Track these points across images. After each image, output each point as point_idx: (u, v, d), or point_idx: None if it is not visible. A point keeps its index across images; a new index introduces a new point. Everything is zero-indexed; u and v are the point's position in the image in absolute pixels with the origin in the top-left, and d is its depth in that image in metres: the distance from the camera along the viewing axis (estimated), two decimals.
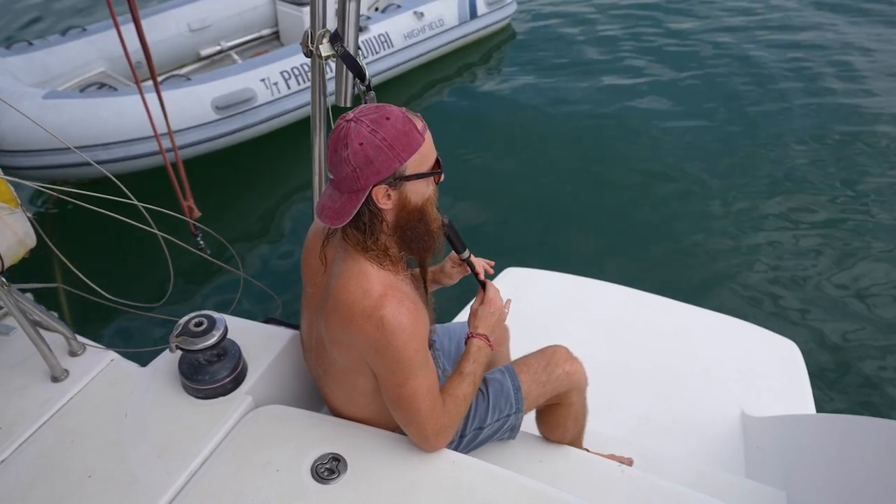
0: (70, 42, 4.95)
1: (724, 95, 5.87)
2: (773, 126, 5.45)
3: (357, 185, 1.26)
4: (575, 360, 1.78)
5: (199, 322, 1.54)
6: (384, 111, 1.26)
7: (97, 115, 4.17)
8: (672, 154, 5.14)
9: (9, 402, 1.58)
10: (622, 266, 4.07)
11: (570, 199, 4.70)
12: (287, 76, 4.88)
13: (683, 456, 2.30)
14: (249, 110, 4.70)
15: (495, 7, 6.29)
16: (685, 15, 7.13)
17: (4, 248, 1.67)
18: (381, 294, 1.30)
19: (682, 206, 4.59)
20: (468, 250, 1.58)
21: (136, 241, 4.14)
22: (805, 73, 6.19)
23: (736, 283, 3.97)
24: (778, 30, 7.00)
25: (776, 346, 2.77)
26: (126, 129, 4.23)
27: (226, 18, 5.71)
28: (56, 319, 1.67)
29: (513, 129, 5.49)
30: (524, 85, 6.01)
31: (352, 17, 1.49)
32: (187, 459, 1.44)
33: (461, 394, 1.46)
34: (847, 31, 6.89)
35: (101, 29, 5.12)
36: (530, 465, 1.88)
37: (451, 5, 5.94)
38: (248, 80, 4.70)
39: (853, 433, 1.90)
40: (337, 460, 1.44)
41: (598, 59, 6.40)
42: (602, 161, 5.09)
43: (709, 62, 6.37)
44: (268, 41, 6.06)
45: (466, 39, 6.23)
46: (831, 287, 3.93)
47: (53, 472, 1.42)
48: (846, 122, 5.49)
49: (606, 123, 5.52)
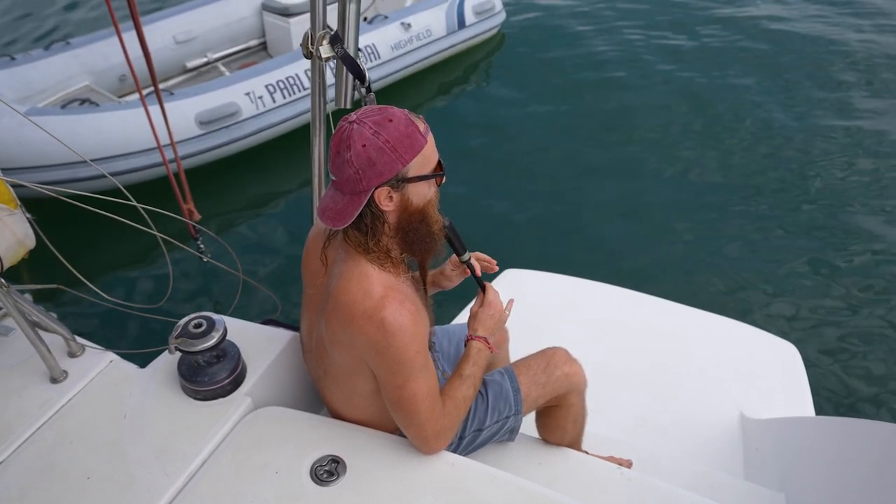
0: (53, 56, 4.84)
1: (721, 99, 5.87)
2: (775, 129, 5.46)
3: (359, 186, 1.26)
4: (574, 362, 1.78)
5: (198, 323, 1.54)
6: (387, 113, 1.26)
7: (76, 131, 4.08)
8: (668, 156, 5.14)
9: (8, 402, 1.57)
10: (621, 268, 4.07)
11: (568, 201, 4.70)
12: (272, 89, 4.80)
13: (682, 457, 2.30)
14: (234, 125, 4.63)
15: (484, 17, 6.21)
16: (673, 28, 7.12)
17: (4, 249, 1.67)
18: (382, 295, 1.31)
19: (681, 209, 4.59)
20: (468, 252, 1.58)
21: (135, 243, 4.17)
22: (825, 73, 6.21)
23: (736, 286, 3.97)
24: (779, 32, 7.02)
25: (775, 348, 2.77)
26: (108, 146, 4.15)
27: (212, 30, 5.62)
28: (55, 320, 1.67)
29: (505, 135, 5.48)
30: (514, 93, 6.00)
31: (352, 18, 1.49)
32: (186, 461, 1.44)
33: (461, 396, 1.46)
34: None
35: (85, 42, 5.03)
36: (529, 467, 1.88)
37: (438, 16, 5.86)
38: (232, 94, 4.63)
39: (852, 436, 1.90)
40: (336, 462, 1.44)
41: (588, 67, 6.38)
42: (598, 164, 5.10)
43: (703, 67, 6.38)
44: (255, 52, 5.99)
45: (455, 49, 6.14)
46: (831, 289, 3.93)
47: (52, 473, 1.42)
48: (848, 119, 5.50)
49: (600, 130, 5.52)
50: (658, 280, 3.96)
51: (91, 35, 5.15)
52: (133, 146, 4.20)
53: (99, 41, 5.05)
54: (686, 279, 4.01)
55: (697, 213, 4.54)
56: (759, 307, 3.82)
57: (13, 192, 1.71)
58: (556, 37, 6.86)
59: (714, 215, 4.53)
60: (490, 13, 6.26)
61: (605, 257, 4.18)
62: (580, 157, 5.18)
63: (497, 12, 6.37)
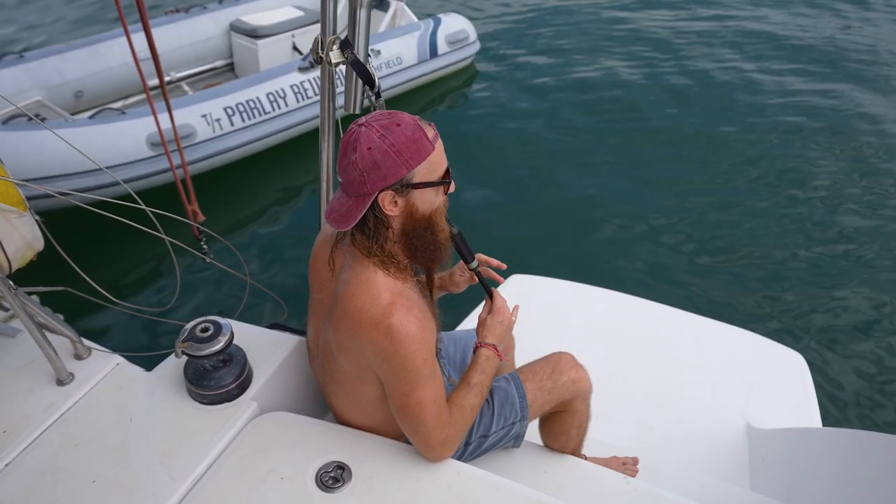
0: (4, 69, 4.67)
1: (720, 108, 5.89)
2: (779, 131, 5.45)
3: (364, 189, 1.27)
4: (580, 368, 1.78)
5: (205, 327, 1.54)
6: (396, 118, 1.27)
7: (16, 149, 3.85)
8: (675, 164, 5.14)
9: (14, 405, 1.58)
10: (627, 275, 4.06)
11: (573, 209, 4.70)
12: (231, 112, 4.63)
13: (687, 467, 2.28)
14: (188, 147, 4.40)
15: (457, 46, 6.09)
16: (656, 46, 7.12)
17: (12, 251, 1.67)
18: (390, 302, 1.30)
19: (684, 214, 4.58)
20: (477, 260, 1.58)
21: (142, 246, 4.18)
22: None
23: (743, 294, 3.95)
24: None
25: (783, 357, 2.76)
26: (49, 165, 3.93)
27: (176, 49, 5.51)
28: (62, 322, 1.67)
29: (497, 149, 5.46)
30: (491, 116, 5.95)
31: (362, 24, 1.49)
32: (191, 465, 1.44)
33: (468, 404, 1.46)
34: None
35: (40, 56, 4.86)
36: (534, 474, 1.87)
37: (410, 44, 5.76)
38: (187, 115, 4.42)
39: (859, 448, 1.89)
40: (342, 468, 1.44)
41: (563, 93, 6.30)
42: (605, 172, 5.11)
43: (684, 82, 6.39)
44: (222, 73, 5.88)
45: (426, 78, 6.04)
46: (840, 299, 3.91)
47: (57, 475, 1.42)
48: (856, 125, 5.49)
49: (608, 137, 5.53)
50: (664, 287, 3.95)
51: (46, 49, 5.01)
52: (77, 166, 3.98)
53: (54, 55, 4.91)
54: (693, 287, 4.00)
55: (704, 221, 4.53)
56: (766, 316, 3.81)
57: (22, 195, 1.72)
58: (529, 65, 6.81)
59: (721, 223, 4.51)
60: (464, 42, 6.15)
61: (611, 264, 4.18)
62: (589, 164, 5.18)
63: (471, 42, 6.24)
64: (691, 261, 4.21)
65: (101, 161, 3.17)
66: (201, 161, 4.59)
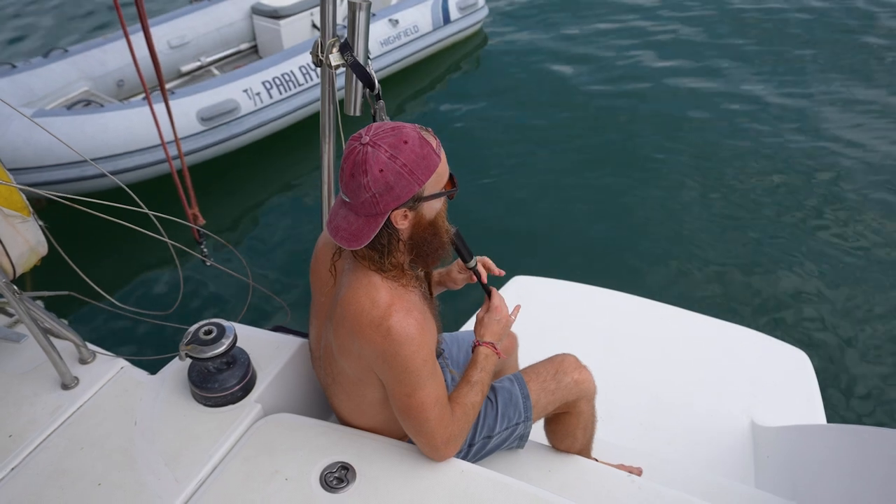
0: (53, 63, 5.01)
1: (727, 98, 5.86)
2: (782, 133, 5.44)
3: (376, 209, 1.26)
4: (584, 369, 1.78)
5: (208, 330, 1.55)
6: (401, 134, 1.24)
7: (84, 131, 4.25)
8: (676, 163, 5.12)
9: (19, 409, 1.58)
10: (630, 275, 4.06)
11: (572, 208, 4.70)
12: (269, 86, 4.98)
13: (692, 465, 2.28)
14: (234, 121, 4.80)
15: (468, 12, 6.43)
16: (660, 17, 7.14)
17: (17, 256, 1.68)
18: (389, 304, 1.31)
19: (690, 216, 4.57)
20: (475, 259, 1.58)
21: (143, 250, 4.19)
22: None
23: (746, 293, 3.95)
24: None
25: (787, 355, 2.75)
26: (113, 144, 4.31)
27: (204, 35, 5.80)
28: (67, 327, 1.68)
29: (504, 134, 5.50)
30: (500, 94, 6.06)
31: (361, 26, 1.50)
32: (196, 467, 1.45)
33: (469, 402, 1.46)
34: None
35: (82, 50, 5.21)
36: (539, 474, 1.87)
37: (424, 12, 6.05)
38: (230, 91, 4.80)
39: (864, 444, 1.88)
40: (346, 469, 1.44)
41: (570, 59, 6.45)
42: (601, 165, 5.09)
43: (700, 56, 6.41)
44: (246, 55, 6.16)
45: (440, 45, 6.35)
46: (843, 296, 3.90)
47: (63, 479, 1.42)
48: (861, 123, 5.47)
49: (593, 125, 5.54)
50: (667, 287, 3.95)
51: (87, 43, 5.32)
52: (138, 144, 4.38)
53: (95, 48, 5.23)
54: (696, 286, 3.99)
55: (707, 221, 4.52)
56: (769, 314, 3.80)
57: (26, 200, 1.72)
58: (537, 30, 6.95)
59: (725, 223, 4.50)
60: (473, 8, 6.48)
61: (613, 264, 4.17)
62: (588, 163, 5.17)
63: (480, 7, 6.58)
64: (694, 259, 4.20)
65: (158, 137, 3.43)
66: (246, 133, 4.93)
